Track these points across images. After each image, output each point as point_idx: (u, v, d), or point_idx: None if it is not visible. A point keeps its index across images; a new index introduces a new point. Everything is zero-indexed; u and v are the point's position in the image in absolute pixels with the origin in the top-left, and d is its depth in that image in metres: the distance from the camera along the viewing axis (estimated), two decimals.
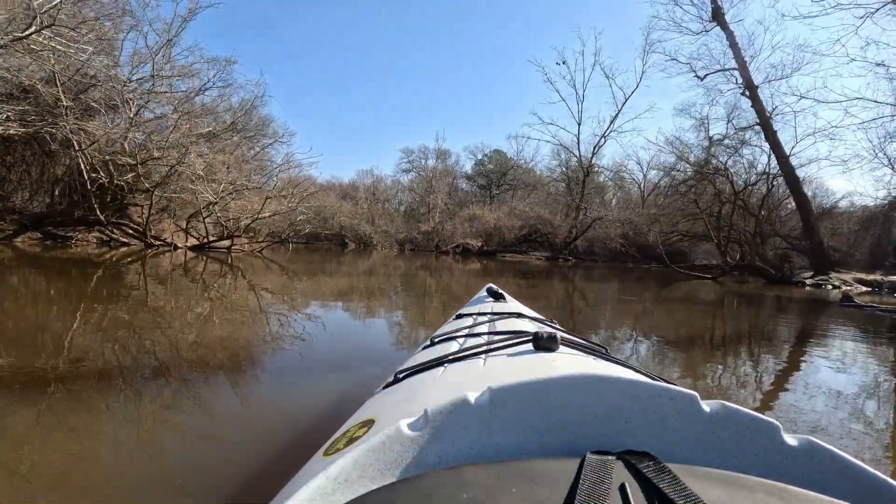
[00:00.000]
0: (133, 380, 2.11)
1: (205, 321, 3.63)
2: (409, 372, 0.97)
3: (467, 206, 29.41)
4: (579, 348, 1.01)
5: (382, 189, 36.22)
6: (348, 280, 8.30)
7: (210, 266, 9.13)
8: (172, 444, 1.52)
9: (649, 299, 7.93)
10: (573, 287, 9.73)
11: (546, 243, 23.65)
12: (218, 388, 2.08)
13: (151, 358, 2.50)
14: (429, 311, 5.18)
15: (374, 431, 0.64)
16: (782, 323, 5.75)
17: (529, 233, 24.14)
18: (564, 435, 0.51)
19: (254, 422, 1.74)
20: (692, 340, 4.14)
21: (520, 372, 0.80)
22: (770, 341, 4.29)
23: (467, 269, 13.52)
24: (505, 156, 36.45)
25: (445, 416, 0.50)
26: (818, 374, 3.00)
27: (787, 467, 0.47)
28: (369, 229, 27.13)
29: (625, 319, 5.36)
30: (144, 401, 1.86)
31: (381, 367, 2.36)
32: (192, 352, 2.66)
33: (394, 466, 0.46)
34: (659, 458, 0.44)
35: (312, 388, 2.17)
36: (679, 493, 0.37)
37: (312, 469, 0.61)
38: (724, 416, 0.50)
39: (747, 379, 2.93)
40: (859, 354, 3.83)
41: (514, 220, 24.52)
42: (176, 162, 10.09)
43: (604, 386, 0.53)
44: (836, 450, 0.46)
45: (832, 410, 2.25)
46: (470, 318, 1.58)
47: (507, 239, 24.05)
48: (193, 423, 1.69)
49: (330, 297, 5.73)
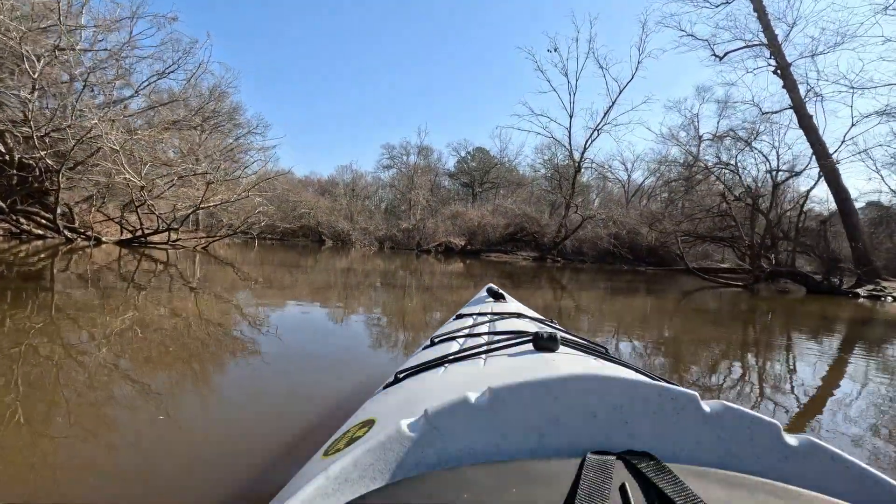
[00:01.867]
0: (130, 380, 1.99)
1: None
2: (409, 372, 0.94)
3: (450, 203, 27.62)
4: (580, 348, 0.98)
5: (363, 186, 34.69)
6: (306, 291, 6.36)
7: (128, 265, 7.07)
8: (172, 445, 1.44)
9: (689, 323, 6.20)
10: (572, 298, 7.98)
11: (533, 243, 21.94)
12: (216, 389, 2.03)
13: (147, 355, 2.39)
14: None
15: (374, 431, 0.63)
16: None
17: (515, 231, 22.42)
18: (565, 435, 0.50)
19: (253, 422, 1.66)
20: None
21: (520, 372, 0.77)
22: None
23: (449, 271, 11.78)
24: (488, 154, 35.58)
25: (446, 416, 0.49)
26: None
27: (787, 467, 0.46)
28: (347, 226, 25.31)
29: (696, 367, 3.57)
30: (144, 400, 1.77)
31: (380, 368, 2.38)
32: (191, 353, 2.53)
33: (394, 466, 0.46)
34: (659, 458, 0.43)
35: (313, 387, 2.08)
36: (679, 493, 0.36)
37: (312, 469, 0.61)
38: (725, 416, 0.49)
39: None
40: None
41: (499, 219, 22.79)
42: (85, 134, 7.80)
43: (604, 386, 0.51)
44: (836, 450, 0.45)
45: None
46: (470, 318, 1.56)
47: (492, 238, 22.30)
48: (193, 424, 1.62)
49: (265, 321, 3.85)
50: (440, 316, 4.38)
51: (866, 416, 2.19)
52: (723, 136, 14.55)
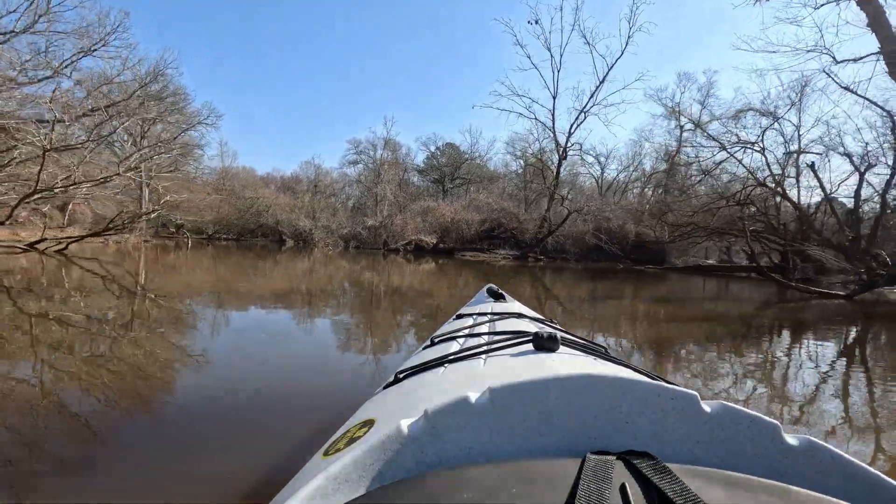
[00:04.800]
0: (132, 380, 1.95)
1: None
2: (409, 372, 0.91)
3: (420, 199, 24.79)
4: (580, 348, 0.96)
5: (328, 183, 31.58)
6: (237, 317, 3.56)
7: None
8: (172, 445, 1.40)
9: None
10: (591, 315, 5.44)
11: (512, 240, 19.43)
12: (213, 391, 1.94)
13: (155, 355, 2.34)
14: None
15: (374, 431, 0.61)
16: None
17: (492, 228, 19.84)
18: (565, 435, 0.48)
19: (253, 422, 1.62)
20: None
21: (520, 372, 0.75)
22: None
23: (420, 272, 9.12)
24: (458, 150, 33.42)
25: (446, 416, 0.48)
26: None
27: (787, 467, 0.44)
28: (309, 224, 22.19)
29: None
30: (142, 400, 1.75)
31: (379, 369, 2.32)
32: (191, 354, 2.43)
33: (394, 466, 0.44)
34: (659, 458, 0.42)
35: (312, 388, 2.05)
36: (679, 494, 0.35)
37: (312, 469, 0.59)
38: (725, 416, 0.47)
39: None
40: None
41: (473, 214, 20.14)
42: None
43: (604, 386, 0.50)
44: (836, 450, 0.43)
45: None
46: (470, 318, 1.52)
47: (466, 235, 19.61)
48: (193, 424, 1.58)
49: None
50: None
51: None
52: (743, 110, 11.95)
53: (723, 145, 11.84)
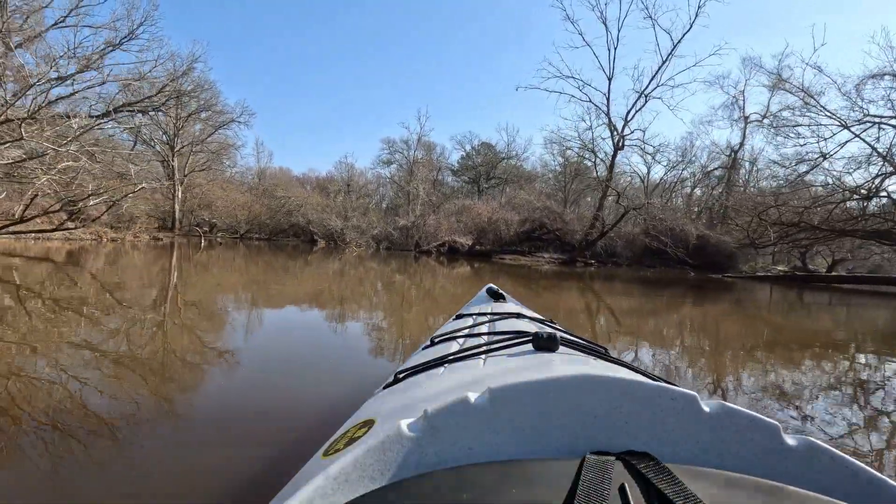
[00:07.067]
0: (125, 381, 1.85)
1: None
2: (408, 372, 0.89)
3: (454, 199, 22.99)
4: (579, 348, 0.92)
5: (363, 183, 30.52)
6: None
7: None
8: (172, 445, 1.35)
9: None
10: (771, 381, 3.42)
11: (556, 242, 17.25)
12: (214, 391, 1.88)
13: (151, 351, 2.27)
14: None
15: (374, 432, 0.60)
16: None
17: (533, 229, 17.72)
18: (564, 435, 0.48)
19: (253, 423, 1.55)
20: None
21: (520, 372, 0.73)
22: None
23: (454, 276, 7.99)
24: (494, 149, 31.45)
25: (445, 417, 0.47)
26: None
27: (786, 467, 0.44)
28: (340, 224, 20.96)
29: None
30: (140, 400, 1.66)
31: (379, 369, 2.26)
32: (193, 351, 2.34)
33: (394, 467, 0.43)
34: (659, 458, 0.41)
35: (312, 388, 1.95)
36: (679, 494, 0.35)
37: (312, 469, 0.58)
38: (724, 417, 0.46)
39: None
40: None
41: (512, 214, 18.13)
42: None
43: (604, 386, 0.49)
44: (835, 450, 0.43)
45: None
46: (470, 319, 1.47)
47: (505, 236, 17.59)
48: (193, 424, 1.52)
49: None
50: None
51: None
52: (877, 75, 8.83)
53: (843, 123, 9.10)
